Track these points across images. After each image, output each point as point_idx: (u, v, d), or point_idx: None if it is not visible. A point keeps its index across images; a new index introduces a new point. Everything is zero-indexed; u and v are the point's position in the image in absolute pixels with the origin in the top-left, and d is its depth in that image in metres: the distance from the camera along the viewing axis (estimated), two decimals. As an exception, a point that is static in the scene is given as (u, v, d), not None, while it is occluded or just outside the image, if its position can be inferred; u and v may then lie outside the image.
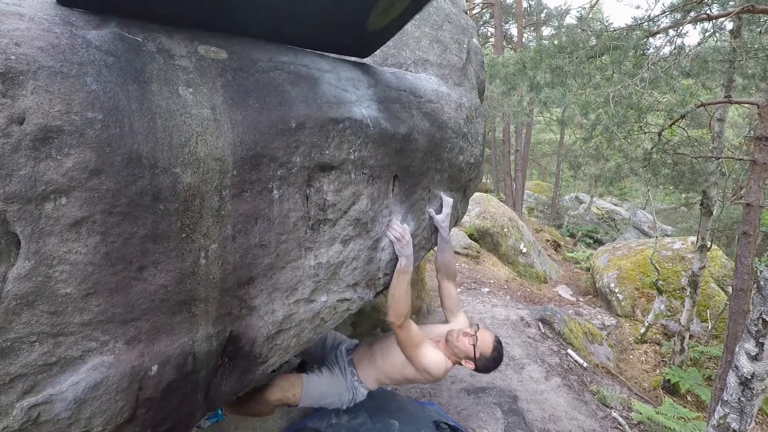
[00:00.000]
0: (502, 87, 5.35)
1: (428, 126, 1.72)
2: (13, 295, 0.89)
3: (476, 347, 1.94)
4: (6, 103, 0.83)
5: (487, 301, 5.77)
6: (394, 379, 2.12)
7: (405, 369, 2.01)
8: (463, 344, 1.97)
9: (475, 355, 1.94)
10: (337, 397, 2.15)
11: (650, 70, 3.80)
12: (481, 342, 1.96)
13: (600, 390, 4.00)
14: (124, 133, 0.97)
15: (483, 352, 1.96)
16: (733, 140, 8.23)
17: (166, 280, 1.11)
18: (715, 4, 4.18)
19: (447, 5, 2.20)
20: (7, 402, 0.95)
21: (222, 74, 1.16)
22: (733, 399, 2.09)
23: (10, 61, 0.84)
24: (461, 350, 1.97)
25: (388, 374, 2.10)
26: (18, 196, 0.86)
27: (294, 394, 2.06)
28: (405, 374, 2.04)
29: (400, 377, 2.08)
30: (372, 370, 2.15)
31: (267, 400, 2.03)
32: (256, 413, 2.16)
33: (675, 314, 5.94)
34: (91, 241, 0.97)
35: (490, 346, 1.98)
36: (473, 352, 1.94)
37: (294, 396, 2.06)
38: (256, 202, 1.24)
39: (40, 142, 0.87)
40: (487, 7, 14.07)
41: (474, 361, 1.96)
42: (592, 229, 13.63)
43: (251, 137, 1.18)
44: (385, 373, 2.11)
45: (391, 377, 2.11)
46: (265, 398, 2.03)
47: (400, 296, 1.81)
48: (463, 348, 1.96)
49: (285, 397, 2.05)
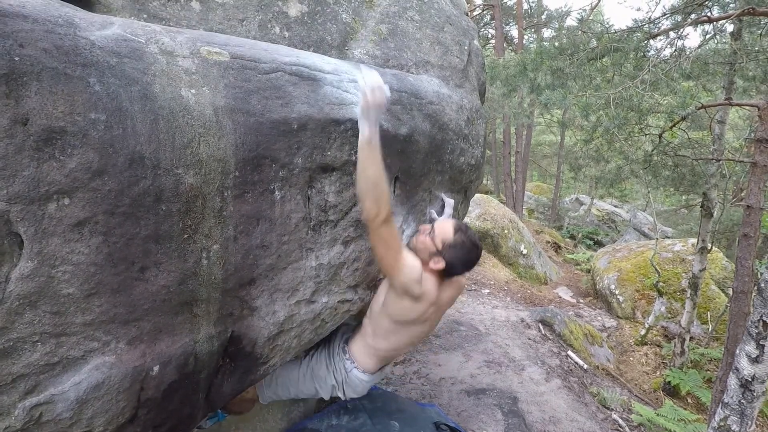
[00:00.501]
0: (503, 89, 5.36)
1: (429, 127, 1.72)
2: (15, 295, 0.89)
3: (434, 237, 1.67)
4: (10, 104, 0.84)
5: (488, 303, 5.77)
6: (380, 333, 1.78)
7: (390, 300, 1.69)
8: (421, 242, 1.69)
9: (437, 246, 1.65)
10: (316, 384, 1.88)
11: (651, 72, 3.81)
12: (438, 230, 1.69)
13: (600, 392, 4.00)
14: (126, 134, 0.98)
15: (444, 239, 1.66)
16: (734, 142, 8.24)
17: (168, 281, 1.12)
18: (716, 6, 4.19)
19: (448, 7, 2.20)
20: (9, 402, 0.95)
21: (224, 75, 1.17)
22: (733, 401, 2.09)
23: (14, 62, 0.85)
24: (423, 249, 1.68)
25: (376, 334, 1.78)
26: (21, 196, 0.86)
27: (246, 389, 1.81)
28: (390, 307, 1.70)
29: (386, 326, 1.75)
30: (362, 343, 1.84)
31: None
32: (234, 410, 2.00)
33: (675, 316, 5.93)
34: (94, 242, 0.97)
35: (450, 230, 1.68)
36: (433, 245, 1.66)
37: (247, 391, 1.86)
38: (257, 203, 1.25)
39: (43, 142, 0.88)
40: (488, 9, 14.10)
41: (440, 254, 1.66)
42: (592, 230, 13.63)
43: (253, 138, 1.18)
44: (374, 335, 1.78)
45: (380, 335, 1.78)
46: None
47: (377, 175, 1.37)
48: (422, 246, 1.68)
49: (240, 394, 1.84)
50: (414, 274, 1.59)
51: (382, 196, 1.39)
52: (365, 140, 1.35)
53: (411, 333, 1.80)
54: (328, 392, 1.90)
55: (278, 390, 1.95)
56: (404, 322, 1.72)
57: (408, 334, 1.79)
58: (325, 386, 1.88)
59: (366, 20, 1.84)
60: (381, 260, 1.54)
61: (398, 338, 1.78)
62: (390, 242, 1.49)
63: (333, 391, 1.89)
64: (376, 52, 1.80)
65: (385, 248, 1.49)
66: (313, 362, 1.92)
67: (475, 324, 4.81)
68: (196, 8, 1.52)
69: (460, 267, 1.71)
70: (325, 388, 1.89)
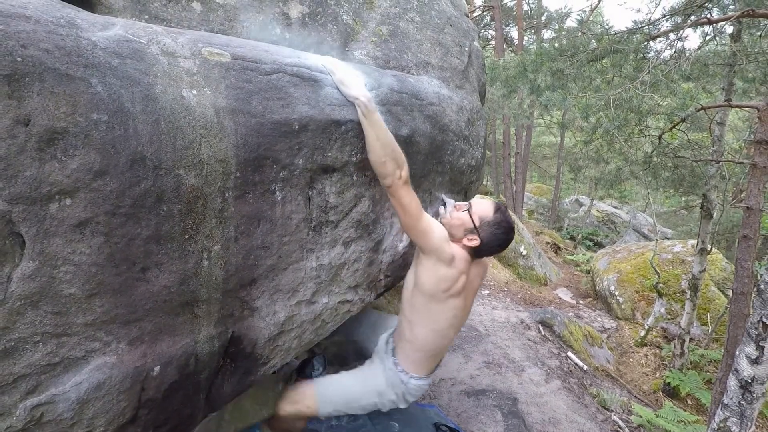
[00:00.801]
0: (503, 90, 5.37)
1: (430, 128, 1.73)
2: (17, 295, 0.89)
3: (472, 213, 1.65)
4: (12, 105, 0.84)
5: (487, 304, 5.77)
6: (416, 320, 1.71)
7: (421, 275, 1.64)
8: (457, 217, 1.66)
9: (475, 223, 1.64)
10: (377, 397, 1.79)
11: (651, 74, 3.81)
12: (476, 207, 1.67)
13: (600, 393, 4.00)
14: (128, 134, 0.98)
15: (483, 216, 1.65)
16: (734, 144, 8.25)
17: (169, 281, 1.12)
18: (716, 8, 4.20)
19: (449, 8, 2.21)
20: (11, 402, 0.95)
21: (225, 76, 1.17)
22: (733, 402, 2.09)
23: (16, 63, 0.85)
24: (458, 225, 1.66)
25: (413, 322, 1.71)
26: (23, 196, 0.87)
27: (308, 405, 1.78)
28: (421, 283, 1.64)
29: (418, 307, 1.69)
30: (404, 346, 1.76)
31: (282, 417, 1.81)
32: (288, 429, 1.94)
33: (675, 317, 5.94)
34: (95, 242, 0.97)
35: (490, 208, 1.67)
36: (471, 221, 1.64)
37: (308, 407, 1.79)
38: (258, 203, 1.25)
39: (45, 143, 0.88)
40: (488, 10, 14.12)
41: (476, 231, 1.64)
42: (592, 231, 13.64)
43: (254, 139, 1.18)
44: (411, 326, 1.72)
45: (417, 321, 1.71)
46: (279, 416, 1.81)
47: (388, 137, 1.41)
48: (458, 222, 1.66)
49: (298, 410, 1.80)
50: (443, 233, 1.58)
51: (400, 155, 1.44)
52: (367, 111, 1.38)
53: (447, 311, 1.69)
54: (388, 407, 1.84)
55: (339, 406, 1.84)
56: (438, 296, 1.64)
57: (444, 314, 1.69)
58: (387, 401, 1.82)
59: (366, 21, 1.85)
60: (409, 225, 1.52)
61: (436, 319, 1.70)
62: (413, 203, 1.49)
63: (392, 405, 1.84)
64: (377, 54, 1.80)
65: (409, 210, 1.48)
66: (369, 378, 1.84)
67: (475, 325, 4.81)
68: (197, 9, 1.53)
69: (494, 247, 1.68)
70: (387, 404, 1.83)
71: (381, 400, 1.80)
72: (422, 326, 1.70)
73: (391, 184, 1.45)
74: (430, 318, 1.69)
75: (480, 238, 1.64)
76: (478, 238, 1.64)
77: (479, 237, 1.64)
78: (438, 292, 1.63)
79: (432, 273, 1.60)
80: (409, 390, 1.78)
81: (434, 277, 1.61)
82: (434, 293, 1.64)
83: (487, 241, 1.65)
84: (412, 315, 1.71)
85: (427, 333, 1.71)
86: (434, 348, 1.76)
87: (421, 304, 1.67)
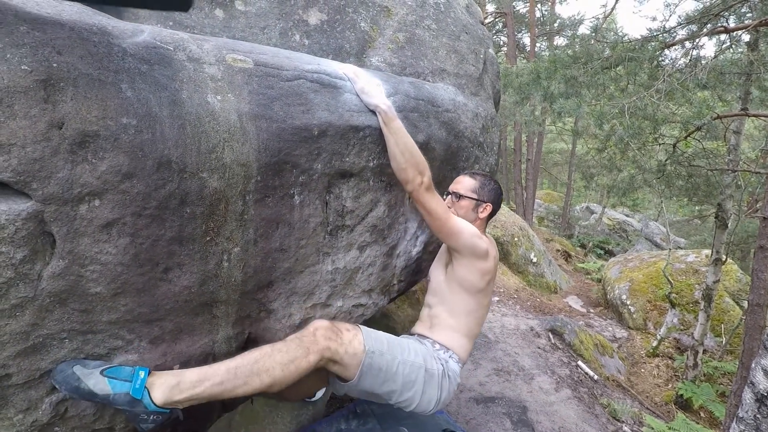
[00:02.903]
0: (515, 96, 5.36)
1: (445, 135, 1.74)
2: (47, 292, 0.92)
3: (463, 193, 1.73)
4: (47, 109, 0.87)
5: (497, 311, 5.74)
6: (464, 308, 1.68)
7: (462, 274, 1.64)
8: (460, 206, 1.73)
9: (473, 196, 1.72)
10: (420, 358, 1.53)
11: (666, 82, 3.79)
12: (459, 185, 1.75)
13: (611, 403, 3.95)
14: (155, 138, 1.01)
15: (470, 186, 1.74)
16: (749, 153, 8.13)
17: (190, 282, 1.14)
18: (732, 16, 4.16)
19: (464, 16, 2.22)
20: (37, 396, 0.98)
21: (248, 82, 1.20)
22: (748, 416, 2.06)
23: (52, 68, 0.88)
24: (465, 211, 1.72)
25: (456, 309, 1.68)
26: (55, 197, 0.90)
27: (354, 345, 1.36)
28: (466, 282, 1.64)
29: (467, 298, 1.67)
30: (445, 330, 1.69)
31: (314, 365, 1.27)
32: (300, 394, 1.77)
33: (688, 328, 5.85)
34: (121, 242, 1.00)
35: (467, 177, 1.77)
36: (471, 198, 1.72)
37: (354, 348, 1.36)
38: (278, 207, 1.27)
39: (77, 146, 0.91)
40: (500, 17, 14.12)
41: (480, 200, 1.72)
42: (603, 239, 13.50)
43: (275, 144, 1.21)
44: (453, 312, 1.68)
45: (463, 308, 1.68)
46: (313, 362, 1.27)
47: (409, 143, 1.43)
48: (464, 211, 1.72)
49: (340, 352, 1.33)
50: (472, 229, 1.61)
51: (421, 161, 1.46)
52: (387, 118, 1.41)
53: (487, 297, 1.74)
54: (432, 382, 1.54)
55: (384, 348, 1.47)
56: (485, 289, 1.69)
57: (486, 299, 1.74)
58: (432, 368, 1.55)
59: (384, 29, 1.87)
60: (436, 228, 1.55)
61: (478, 307, 1.71)
62: (439, 208, 1.51)
63: (436, 377, 1.56)
64: (394, 60, 1.82)
65: (437, 206, 1.51)
66: (413, 343, 1.61)
67: (484, 331, 4.79)
68: (219, 16, 1.56)
69: (499, 196, 1.78)
70: (432, 372, 1.55)
71: (424, 362, 1.54)
72: (466, 315, 1.70)
73: (413, 190, 1.48)
74: (474, 306, 1.71)
75: (487, 201, 1.74)
76: (486, 204, 1.74)
77: (487, 201, 1.74)
78: (484, 286, 1.68)
79: (474, 270, 1.64)
80: (449, 367, 1.61)
81: (478, 273, 1.65)
82: (481, 288, 1.68)
83: (494, 198, 1.76)
84: (454, 306, 1.70)
85: (469, 320, 1.72)
86: (473, 332, 1.75)
87: (467, 298, 1.69)
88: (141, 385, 1.03)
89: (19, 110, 0.84)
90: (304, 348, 1.26)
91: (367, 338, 1.42)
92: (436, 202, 1.50)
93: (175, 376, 1.09)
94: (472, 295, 1.69)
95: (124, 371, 1.04)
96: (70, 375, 0.97)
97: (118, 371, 1.03)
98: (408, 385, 1.50)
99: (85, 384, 0.97)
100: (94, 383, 0.98)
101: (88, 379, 0.98)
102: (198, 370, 1.13)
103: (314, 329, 1.32)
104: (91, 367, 1.00)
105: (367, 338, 1.42)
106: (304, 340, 1.28)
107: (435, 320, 1.73)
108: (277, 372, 1.19)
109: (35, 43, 0.87)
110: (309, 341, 1.28)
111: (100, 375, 1.00)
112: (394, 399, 1.53)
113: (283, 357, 1.22)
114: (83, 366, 1.00)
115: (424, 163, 1.47)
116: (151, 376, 1.06)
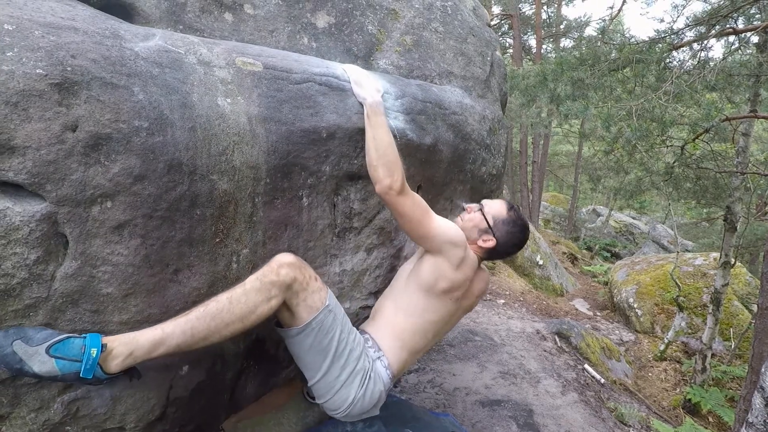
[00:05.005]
0: (522, 99, 5.35)
1: (452, 137, 1.74)
2: (60, 293, 0.94)
3: (485, 213, 1.59)
4: (62, 112, 0.89)
5: (503, 313, 5.72)
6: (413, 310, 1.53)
7: (424, 270, 1.50)
8: (470, 219, 1.60)
9: (489, 222, 1.57)
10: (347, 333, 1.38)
11: (674, 84, 3.77)
12: (489, 207, 1.60)
13: (618, 407, 3.92)
14: (166, 141, 1.02)
15: (496, 216, 1.58)
16: (759, 155, 8.06)
17: (200, 283, 1.15)
18: (741, 18, 4.13)
19: (471, 18, 2.23)
20: (49, 396, 0.99)
21: (258, 85, 1.21)
22: (758, 421, 2.03)
23: (66, 72, 0.89)
24: (471, 227, 1.58)
25: (402, 305, 1.54)
26: (69, 199, 0.91)
27: (314, 299, 1.27)
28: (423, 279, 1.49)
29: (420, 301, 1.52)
30: (383, 327, 1.55)
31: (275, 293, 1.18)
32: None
33: (696, 332, 5.80)
34: (133, 244, 1.01)
35: (503, 207, 1.61)
36: (485, 221, 1.58)
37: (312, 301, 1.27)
38: (286, 209, 1.28)
39: (90, 148, 0.92)
40: (506, 19, 14.10)
41: (491, 231, 1.57)
42: (609, 242, 13.42)
43: (284, 146, 1.22)
44: (398, 308, 1.55)
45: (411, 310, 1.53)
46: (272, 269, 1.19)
47: (386, 141, 1.33)
48: (471, 224, 1.59)
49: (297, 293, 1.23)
50: (451, 234, 1.45)
51: (395, 163, 1.33)
52: (372, 112, 1.36)
53: (437, 310, 1.56)
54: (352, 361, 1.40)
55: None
56: (434, 290, 1.51)
57: (433, 311, 1.55)
58: (357, 348, 1.42)
59: (391, 31, 1.88)
60: (410, 224, 1.40)
61: (421, 312, 1.55)
62: (416, 204, 1.38)
63: (361, 364, 1.42)
64: (401, 63, 1.83)
65: (413, 208, 1.37)
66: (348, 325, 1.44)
67: (490, 334, 4.78)
68: (228, 20, 1.57)
69: (511, 246, 1.61)
70: (355, 350, 1.41)
71: (360, 352, 1.42)
72: (410, 314, 1.55)
73: (381, 192, 1.34)
74: (423, 308, 1.55)
75: (495, 237, 1.57)
76: (493, 238, 1.57)
77: (494, 237, 1.57)
78: (440, 292, 1.52)
79: (435, 268, 1.49)
80: (375, 367, 1.47)
81: (436, 272, 1.49)
82: (437, 292, 1.52)
83: (504, 241, 1.58)
84: (400, 300, 1.57)
85: (414, 324, 1.56)
86: (411, 342, 1.57)
87: (412, 292, 1.55)
88: (92, 364, 0.94)
89: (34, 113, 0.86)
90: (266, 293, 1.16)
91: (330, 298, 1.33)
92: (410, 206, 1.37)
93: (127, 345, 1.00)
94: (424, 294, 1.53)
95: (73, 347, 0.93)
96: (9, 355, 0.87)
97: (66, 347, 0.92)
98: (335, 367, 1.36)
99: (29, 367, 0.89)
100: (39, 366, 0.89)
101: (32, 361, 0.89)
102: (152, 335, 1.03)
103: (278, 266, 1.19)
104: (35, 343, 0.89)
105: (330, 298, 1.33)
106: (265, 282, 1.16)
107: (378, 314, 1.60)
108: (238, 326, 1.12)
109: (50, 47, 0.89)
110: (270, 283, 1.17)
111: (45, 354, 0.90)
112: (314, 376, 1.37)
113: (243, 309, 1.13)
114: (25, 342, 0.89)
115: (397, 164, 1.34)
116: (103, 351, 0.97)
